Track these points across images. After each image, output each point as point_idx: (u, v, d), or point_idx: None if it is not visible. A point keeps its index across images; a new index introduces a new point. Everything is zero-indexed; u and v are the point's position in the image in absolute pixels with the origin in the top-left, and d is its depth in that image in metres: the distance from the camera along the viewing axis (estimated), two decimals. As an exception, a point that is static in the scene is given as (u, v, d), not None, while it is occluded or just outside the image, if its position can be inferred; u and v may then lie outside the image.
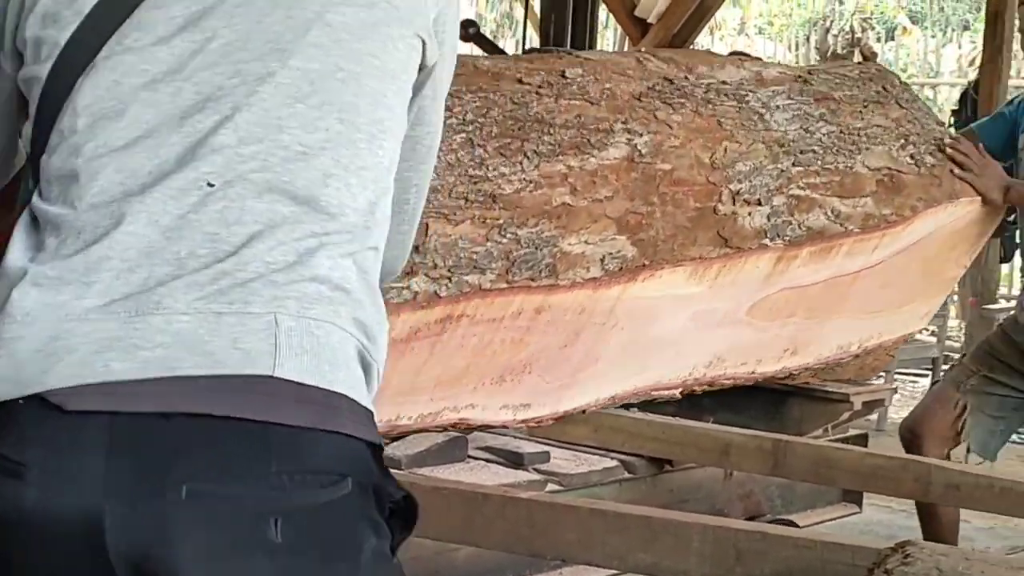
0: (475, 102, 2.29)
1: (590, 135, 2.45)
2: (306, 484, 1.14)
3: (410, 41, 1.32)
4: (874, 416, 5.66)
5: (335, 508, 1.16)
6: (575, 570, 2.53)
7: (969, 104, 8.17)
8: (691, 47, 8.83)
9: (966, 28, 16.40)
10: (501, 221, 2.22)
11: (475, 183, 2.21)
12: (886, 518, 4.63)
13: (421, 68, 1.36)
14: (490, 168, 2.24)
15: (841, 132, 3.01)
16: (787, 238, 2.78)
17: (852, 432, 3.69)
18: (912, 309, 3.33)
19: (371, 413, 1.23)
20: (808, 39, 13.57)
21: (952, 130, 9.89)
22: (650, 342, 2.63)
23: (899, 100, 3.25)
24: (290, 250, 1.20)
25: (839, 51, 12.68)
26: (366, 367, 1.24)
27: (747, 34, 15.90)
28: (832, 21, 13.04)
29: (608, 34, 13.39)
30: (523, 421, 2.51)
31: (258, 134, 1.23)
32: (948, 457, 3.10)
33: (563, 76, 2.50)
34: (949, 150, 3.19)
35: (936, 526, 3.22)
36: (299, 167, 1.23)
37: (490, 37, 15.43)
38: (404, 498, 1.25)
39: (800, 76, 3.11)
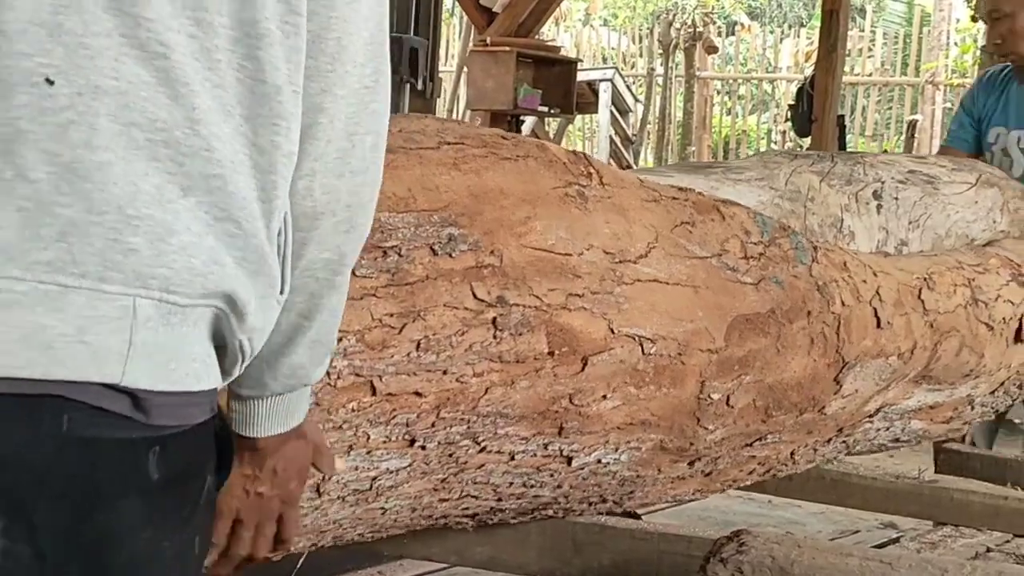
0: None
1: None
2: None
3: None
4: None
5: (192, 435, 1.05)
6: (393, 567, 2.50)
7: (805, 98, 8.37)
8: (536, 37, 8.87)
9: (802, 25, 16.85)
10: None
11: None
12: (723, 503, 4.71)
13: None
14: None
15: None
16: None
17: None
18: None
19: (213, 391, 1.08)
20: (652, 32, 13.74)
21: (789, 124, 10.14)
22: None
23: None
24: (152, 200, 0.97)
25: (681, 45, 12.89)
26: (225, 342, 1.07)
27: (592, 25, 16.04)
28: (675, 15, 13.22)
29: (454, 22, 13.37)
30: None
31: (104, 23, 0.96)
32: None
33: None
34: None
35: None
36: (156, 74, 0.98)
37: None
38: (222, 429, 1.14)
39: None
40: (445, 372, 1.61)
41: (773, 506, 5.10)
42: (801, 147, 10.47)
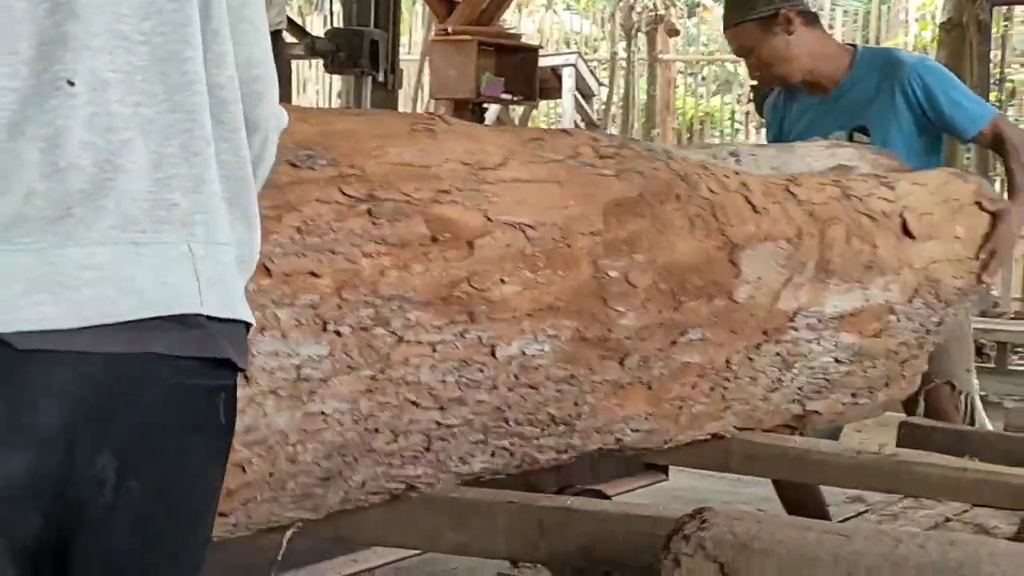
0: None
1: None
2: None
3: None
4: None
5: (234, 391, 1.26)
6: (367, 554, 2.53)
7: (766, 78, 8.42)
8: (498, 24, 8.89)
9: (765, 5, 16.89)
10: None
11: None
12: (695, 483, 4.76)
13: None
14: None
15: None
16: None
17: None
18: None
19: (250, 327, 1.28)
20: (613, 16, 13.77)
21: (752, 105, 10.19)
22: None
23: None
24: (178, 159, 1.18)
25: (643, 28, 12.92)
26: (246, 272, 1.28)
27: (555, 10, 16.05)
28: (636, -1, 13.27)
29: (417, 9, 13.37)
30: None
31: (97, 24, 1.15)
32: None
33: None
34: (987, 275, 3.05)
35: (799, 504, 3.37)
36: (144, 58, 1.18)
37: (298, 13, 15.20)
38: None
39: None
40: (333, 252, 1.68)
41: (744, 484, 5.15)
42: (764, 126, 10.51)
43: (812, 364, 2.61)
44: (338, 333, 1.68)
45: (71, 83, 1.12)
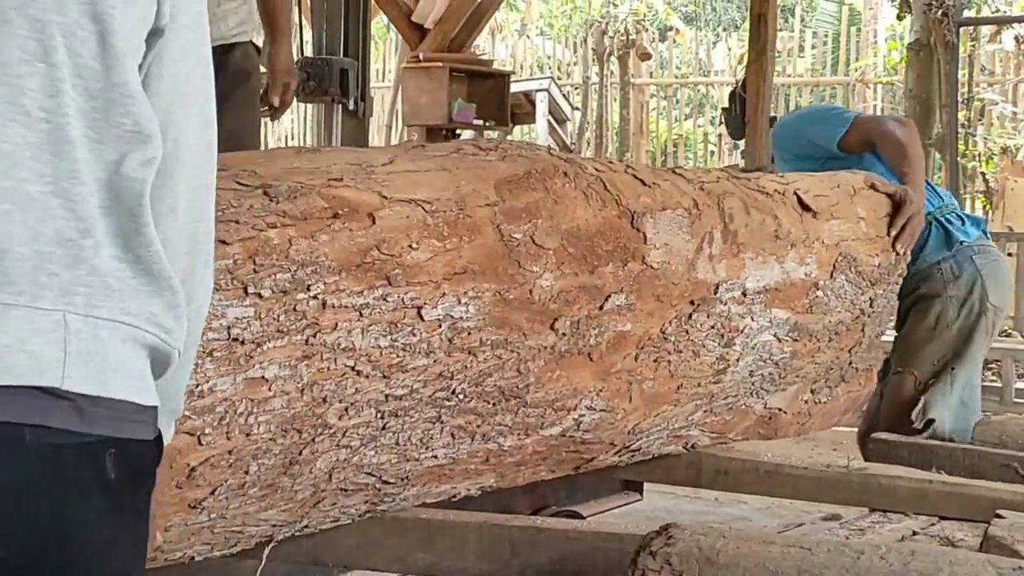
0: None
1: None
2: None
3: None
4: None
5: (144, 445, 1.19)
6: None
7: (738, 102, 8.49)
8: (470, 50, 8.94)
9: (736, 27, 17.02)
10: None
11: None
12: (670, 504, 4.78)
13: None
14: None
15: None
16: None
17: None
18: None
19: (155, 409, 1.21)
20: (586, 40, 13.85)
21: (724, 127, 10.29)
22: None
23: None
24: (52, 240, 1.12)
25: (615, 52, 13.00)
26: (162, 357, 1.20)
27: (528, 36, 16.13)
28: (608, 23, 13.35)
29: (391, 36, 13.41)
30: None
31: None
32: None
33: None
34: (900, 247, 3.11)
35: None
36: (39, 135, 1.12)
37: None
38: None
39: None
40: (237, 222, 1.72)
41: (719, 503, 5.18)
42: (737, 148, 10.59)
43: (753, 342, 2.63)
44: (260, 296, 1.71)
45: None
